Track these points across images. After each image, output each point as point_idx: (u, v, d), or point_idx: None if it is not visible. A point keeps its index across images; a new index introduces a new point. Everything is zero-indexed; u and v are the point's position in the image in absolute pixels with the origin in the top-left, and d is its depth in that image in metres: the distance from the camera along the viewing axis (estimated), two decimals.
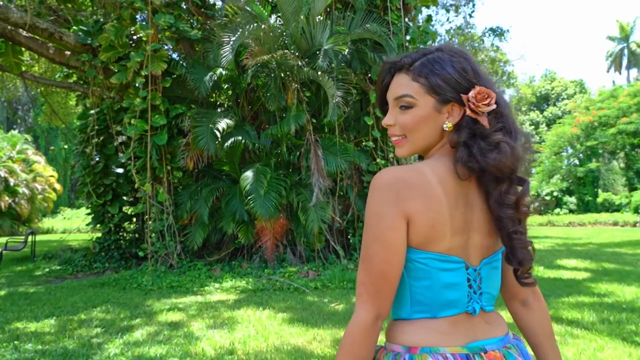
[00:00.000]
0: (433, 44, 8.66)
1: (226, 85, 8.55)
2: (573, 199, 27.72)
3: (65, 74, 9.96)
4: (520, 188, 0.91)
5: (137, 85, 7.41)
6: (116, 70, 7.34)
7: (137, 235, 9.01)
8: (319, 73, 6.47)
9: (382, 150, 8.10)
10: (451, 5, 10.12)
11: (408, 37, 8.16)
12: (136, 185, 7.50)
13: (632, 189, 25.16)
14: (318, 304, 5.20)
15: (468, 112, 0.89)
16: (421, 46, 8.24)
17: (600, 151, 26.64)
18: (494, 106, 0.89)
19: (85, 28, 7.97)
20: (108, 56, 7.45)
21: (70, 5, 9.94)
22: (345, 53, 6.71)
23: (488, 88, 0.90)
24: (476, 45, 11.54)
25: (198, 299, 5.58)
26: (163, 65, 7.20)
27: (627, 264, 8.01)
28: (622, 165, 27.83)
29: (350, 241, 8.26)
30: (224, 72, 7.31)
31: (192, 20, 8.47)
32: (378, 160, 7.91)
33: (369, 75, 7.87)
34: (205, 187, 7.71)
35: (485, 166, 0.87)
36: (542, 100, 34.84)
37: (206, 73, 7.40)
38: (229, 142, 7.05)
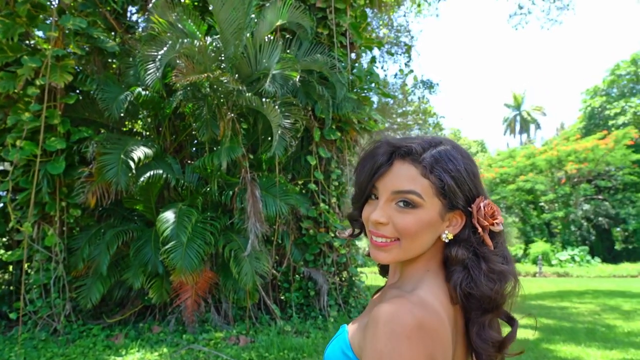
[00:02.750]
0: (377, 87, 8.32)
1: (145, 112, 7.27)
2: None
3: None
4: (494, 325, 0.83)
5: (29, 97, 5.89)
6: (1, 77, 5.78)
7: (11, 289, 7.02)
8: (264, 100, 5.58)
9: (324, 194, 7.30)
10: (393, 52, 10.09)
11: (351, 77, 7.67)
12: (10, 224, 5.79)
13: (529, 241, 27.17)
14: None
15: (478, 227, 0.81)
16: (366, 87, 7.81)
17: (501, 206, 28.69)
18: (502, 227, 0.83)
19: None
20: None
21: None
22: (297, 80, 5.93)
23: (487, 198, 0.83)
24: (409, 97, 11.64)
25: None
26: (67, 77, 5.82)
27: (563, 319, 7.90)
28: (516, 219, 30.22)
29: (284, 298, 7.16)
30: (143, 93, 6.11)
31: (111, 33, 7.20)
32: (321, 205, 7.07)
33: (313, 111, 7.16)
34: (110, 230, 6.21)
35: (485, 296, 0.78)
36: None
37: (122, 92, 6.14)
38: (146, 175, 5.75)
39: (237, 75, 5.81)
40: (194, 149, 7.46)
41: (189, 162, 7.19)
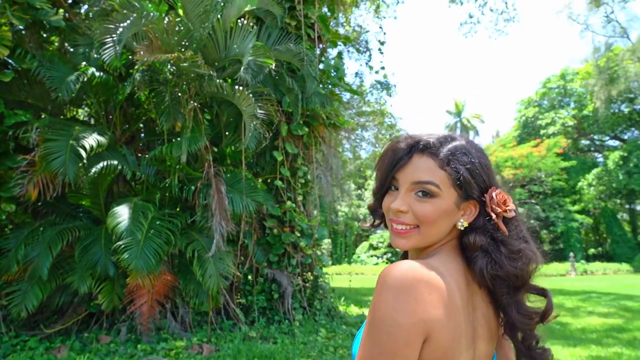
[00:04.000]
0: (343, 83, 8.12)
1: (93, 97, 6.52)
2: None
3: None
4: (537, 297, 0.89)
5: None
6: None
7: None
8: (237, 88, 5.15)
9: (290, 191, 6.96)
10: (354, 49, 9.93)
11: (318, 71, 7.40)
12: None
13: None
14: None
15: (492, 214, 0.86)
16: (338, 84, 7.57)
17: None
18: (514, 213, 0.87)
19: None
20: None
21: None
22: (272, 69, 5.55)
23: (498, 187, 0.88)
24: (366, 97, 11.58)
25: None
26: (3, 50, 5.05)
27: None
28: None
29: (246, 301, 6.71)
30: (97, 74, 5.45)
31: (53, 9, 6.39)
32: (288, 203, 6.71)
33: (279, 104, 6.80)
34: (51, 228, 5.48)
35: (509, 274, 0.83)
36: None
37: (70, 72, 5.44)
38: (99, 166, 5.12)
39: (203, 61, 5.33)
40: (148, 140, 6.81)
41: (142, 154, 6.56)
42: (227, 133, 6.54)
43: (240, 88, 5.10)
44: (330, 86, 7.58)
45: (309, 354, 5.27)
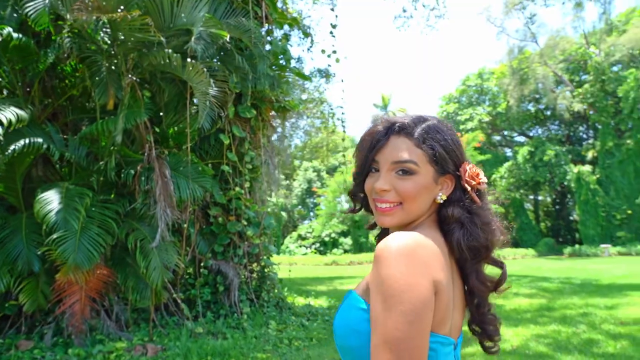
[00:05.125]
0: (289, 65, 7.81)
1: (7, 65, 5.58)
2: (348, 240, 30.72)
3: None
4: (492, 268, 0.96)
5: None
6: None
7: None
8: (189, 61, 4.65)
9: (239, 177, 6.56)
10: (305, 32, 9.57)
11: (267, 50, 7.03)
12: None
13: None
14: None
15: (467, 187, 0.91)
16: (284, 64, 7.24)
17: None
18: (486, 184, 0.93)
19: None
20: None
21: None
22: (224, 42, 5.09)
23: (470, 162, 0.94)
24: (307, 84, 11.33)
25: None
26: None
27: None
28: None
29: (189, 295, 6.23)
30: (15, 35, 4.63)
31: None
32: (237, 189, 6.31)
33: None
34: None
35: (482, 245, 0.89)
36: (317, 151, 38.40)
37: None
38: (20, 144, 4.37)
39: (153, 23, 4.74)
40: (75, 119, 6.01)
41: (68, 134, 5.77)
42: (169, 110, 5.97)
43: (195, 62, 4.60)
44: (277, 69, 7.24)
45: (264, 348, 4.99)
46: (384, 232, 1.04)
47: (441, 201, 0.91)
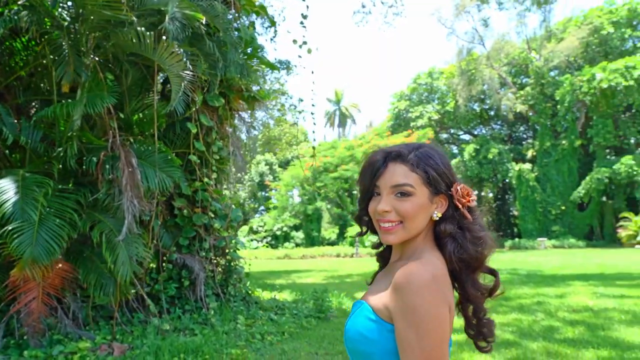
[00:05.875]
0: (257, 53, 7.61)
1: None
2: (300, 234, 30.74)
3: None
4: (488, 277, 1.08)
5: None
6: None
7: None
8: (165, 39, 4.37)
9: (206, 168, 6.30)
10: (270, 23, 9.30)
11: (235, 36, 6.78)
12: None
13: (346, 225, 29.82)
14: None
15: (459, 205, 1.02)
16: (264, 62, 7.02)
17: (322, 192, 30.68)
18: (476, 203, 1.06)
19: None
20: None
21: None
22: (200, 24, 4.82)
23: (461, 183, 1.05)
24: (267, 73, 11.09)
25: None
26: None
27: None
28: (328, 205, 32.79)
29: (152, 290, 5.92)
30: None
31: None
32: (205, 180, 6.06)
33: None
34: None
35: (473, 257, 1.01)
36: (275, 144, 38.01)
37: None
38: None
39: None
40: (27, 100, 5.50)
41: (20, 117, 5.27)
42: (130, 98, 5.61)
43: (171, 41, 4.34)
44: (245, 57, 7.02)
45: (237, 344, 4.85)
46: (387, 250, 1.16)
47: (437, 218, 1.02)
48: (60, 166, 4.79)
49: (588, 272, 11.10)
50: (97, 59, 4.92)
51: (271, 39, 10.83)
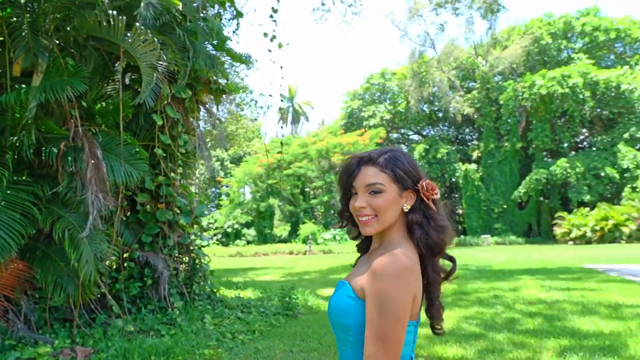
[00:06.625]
0: (222, 46, 7.40)
1: None
2: (251, 231, 30.35)
3: None
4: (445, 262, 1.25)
5: None
6: None
7: None
8: (138, 26, 4.11)
9: (171, 162, 6.04)
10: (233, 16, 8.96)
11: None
12: None
13: (298, 223, 29.76)
14: None
15: (424, 198, 1.19)
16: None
17: (274, 189, 30.45)
18: (439, 196, 1.22)
19: None
20: None
21: None
22: (175, 10, 4.59)
23: (426, 179, 1.21)
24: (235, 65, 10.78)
25: None
26: None
27: None
28: (280, 202, 32.60)
29: (112, 290, 5.59)
30: None
31: None
32: (171, 175, 5.80)
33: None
34: None
35: (435, 243, 1.17)
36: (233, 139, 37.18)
37: None
38: None
39: None
40: None
41: None
42: (92, 86, 5.26)
43: (143, 28, 4.09)
44: (212, 48, 6.80)
45: (208, 344, 4.70)
46: (364, 241, 1.33)
47: (407, 210, 1.19)
48: (16, 156, 4.40)
49: (532, 267, 11.79)
50: (57, 41, 4.56)
51: (234, 32, 10.59)
